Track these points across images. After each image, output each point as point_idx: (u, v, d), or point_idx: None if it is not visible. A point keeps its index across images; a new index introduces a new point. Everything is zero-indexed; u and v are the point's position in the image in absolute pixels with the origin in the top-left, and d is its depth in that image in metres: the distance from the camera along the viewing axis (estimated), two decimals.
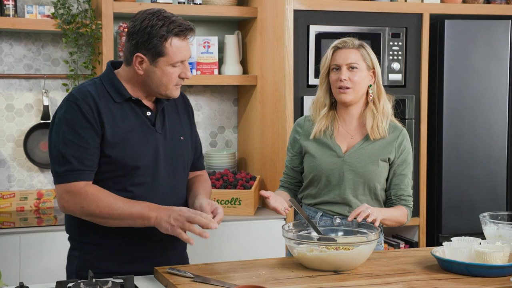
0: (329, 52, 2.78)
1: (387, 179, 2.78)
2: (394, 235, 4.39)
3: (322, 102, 2.81)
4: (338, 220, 2.69)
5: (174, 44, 2.34)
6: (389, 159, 2.75)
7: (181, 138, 2.52)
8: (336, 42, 2.78)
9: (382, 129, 2.74)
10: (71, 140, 2.33)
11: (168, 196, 2.46)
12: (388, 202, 2.78)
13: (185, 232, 2.28)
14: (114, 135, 2.36)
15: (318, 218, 2.75)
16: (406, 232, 4.35)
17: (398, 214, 2.72)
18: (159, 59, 2.34)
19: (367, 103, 2.78)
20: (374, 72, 2.77)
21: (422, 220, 4.20)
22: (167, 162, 2.46)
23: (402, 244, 4.24)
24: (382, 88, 2.79)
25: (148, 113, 2.45)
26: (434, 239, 4.22)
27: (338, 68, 2.74)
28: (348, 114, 2.80)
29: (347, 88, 2.72)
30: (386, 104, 2.78)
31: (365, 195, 2.74)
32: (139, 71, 2.37)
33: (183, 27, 2.34)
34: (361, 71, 2.73)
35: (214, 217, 2.33)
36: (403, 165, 2.77)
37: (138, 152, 2.39)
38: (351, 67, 2.72)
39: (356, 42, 2.75)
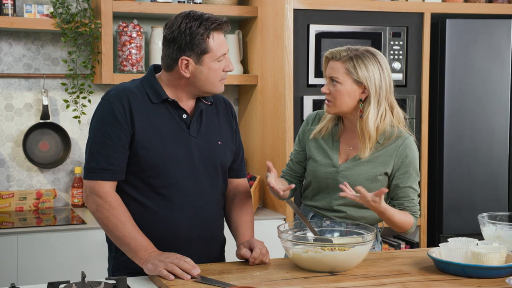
0: (323, 61, 2.70)
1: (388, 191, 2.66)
2: (395, 236, 4.37)
3: None
4: (327, 222, 2.61)
5: (215, 39, 2.39)
6: (386, 173, 2.63)
7: (219, 143, 2.52)
8: (327, 51, 2.66)
9: (367, 150, 2.60)
10: (99, 137, 2.39)
11: (198, 200, 2.46)
12: None
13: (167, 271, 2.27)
14: (145, 135, 2.38)
15: (308, 219, 2.71)
16: None
17: (403, 217, 2.60)
18: (204, 56, 2.38)
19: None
20: (365, 88, 2.59)
21: (423, 221, 4.18)
22: (201, 166, 2.46)
23: (402, 245, 4.22)
24: (373, 108, 2.59)
25: (184, 116, 2.46)
26: (435, 240, 4.19)
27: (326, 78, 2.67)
28: (348, 123, 2.69)
29: (329, 101, 2.63)
30: (370, 124, 2.58)
31: (357, 205, 2.65)
32: (186, 74, 2.40)
33: (219, 21, 2.40)
34: (343, 85, 2.58)
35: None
36: (405, 177, 2.62)
37: (168, 153, 2.40)
38: (332, 80, 2.61)
39: (345, 53, 2.58)
